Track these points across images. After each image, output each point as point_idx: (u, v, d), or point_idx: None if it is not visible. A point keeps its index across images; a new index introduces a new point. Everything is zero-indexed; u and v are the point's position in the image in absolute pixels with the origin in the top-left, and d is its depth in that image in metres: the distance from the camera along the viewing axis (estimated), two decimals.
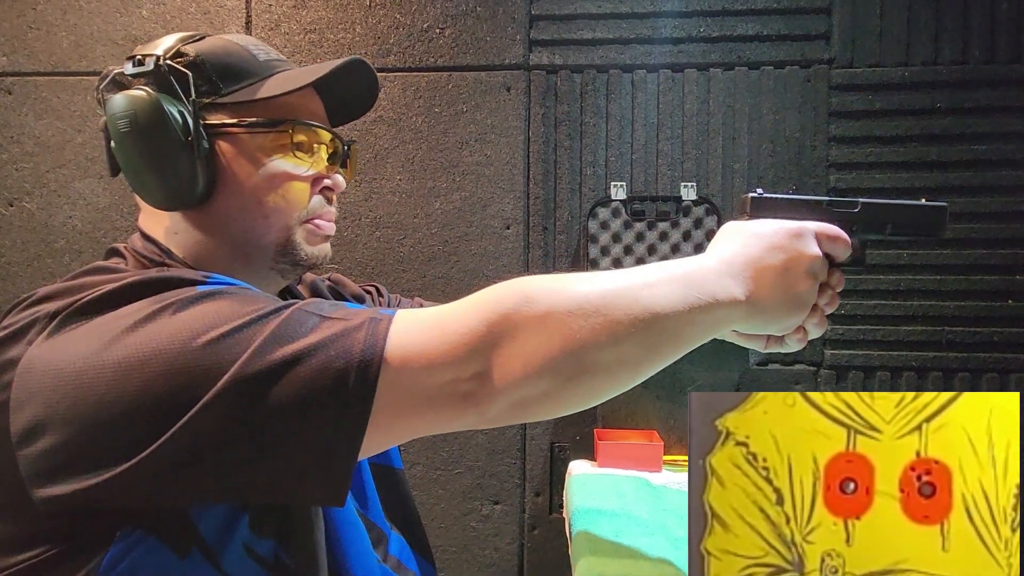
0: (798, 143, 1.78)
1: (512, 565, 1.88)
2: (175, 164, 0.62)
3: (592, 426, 1.71)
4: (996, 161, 1.73)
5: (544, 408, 0.55)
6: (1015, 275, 1.74)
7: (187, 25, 1.87)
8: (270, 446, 0.50)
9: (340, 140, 0.72)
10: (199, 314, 0.52)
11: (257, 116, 0.65)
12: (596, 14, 1.80)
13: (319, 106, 0.71)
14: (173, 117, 0.61)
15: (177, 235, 0.66)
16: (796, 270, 0.61)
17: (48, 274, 1.90)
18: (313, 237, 0.69)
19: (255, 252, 0.67)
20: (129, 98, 0.62)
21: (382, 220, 1.87)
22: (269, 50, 0.70)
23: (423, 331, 0.53)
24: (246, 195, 0.65)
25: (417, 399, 0.52)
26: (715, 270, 0.59)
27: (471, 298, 0.55)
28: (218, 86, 0.64)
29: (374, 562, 0.70)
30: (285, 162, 0.66)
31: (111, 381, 0.49)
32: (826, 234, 0.64)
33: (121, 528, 0.52)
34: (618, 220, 1.79)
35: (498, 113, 1.83)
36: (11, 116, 1.91)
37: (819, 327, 0.67)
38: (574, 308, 0.52)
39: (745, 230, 0.63)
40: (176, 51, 0.64)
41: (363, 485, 0.75)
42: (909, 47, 1.74)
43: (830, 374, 1.80)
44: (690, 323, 0.56)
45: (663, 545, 1.08)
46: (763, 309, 0.61)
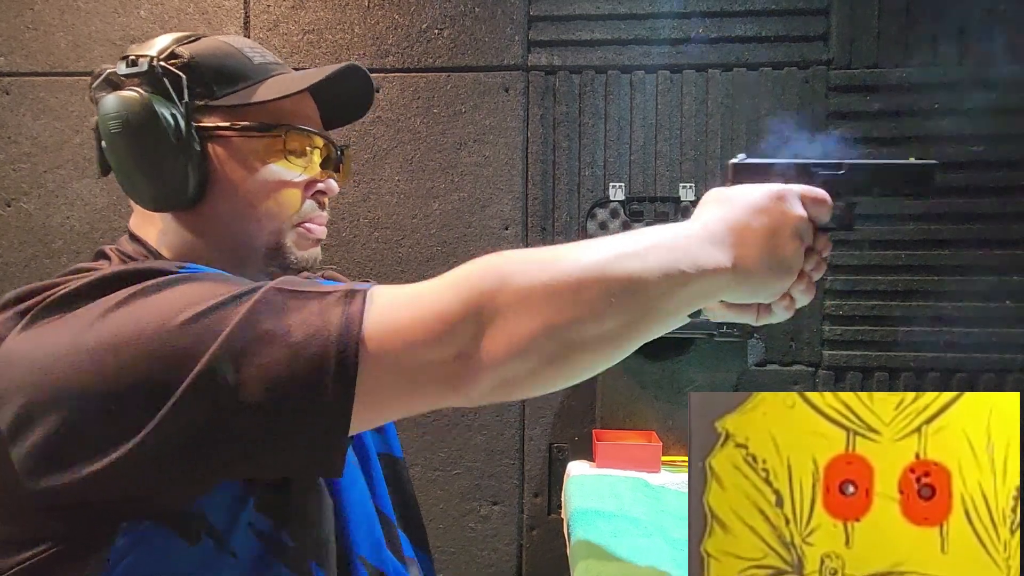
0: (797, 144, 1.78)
1: (511, 566, 1.88)
2: (166, 166, 0.62)
3: (591, 427, 1.71)
4: (995, 161, 1.73)
5: (530, 386, 0.54)
6: (1013, 275, 1.74)
7: (185, 26, 1.87)
8: (256, 425, 0.49)
9: (333, 145, 0.71)
10: (176, 295, 0.51)
11: (251, 120, 0.65)
12: (595, 15, 1.80)
13: (313, 110, 0.71)
14: (165, 119, 0.61)
15: (167, 236, 0.66)
16: (781, 233, 0.60)
17: (46, 274, 1.89)
18: (304, 241, 0.69)
19: (246, 255, 0.67)
20: (121, 99, 0.61)
21: (380, 221, 1.86)
22: (265, 52, 0.70)
23: (400, 307, 0.52)
24: (238, 198, 0.65)
25: (399, 377, 0.51)
26: (699, 237, 0.58)
27: (448, 275, 0.54)
28: (212, 89, 0.64)
29: (385, 548, 0.70)
30: (278, 166, 0.66)
31: (91, 366, 0.49)
32: (810, 196, 0.62)
33: (125, 520, 0.52)
34: (616, 221, 1.79)
35: (496, 114, 1.83)
36: (9, 116, 1.91)
37: (807, 294, 0.64)
38: (554, 284, 0.52)
39: (728, 196, 0.62)
40: (170, 52, 0.64)
41: (372, 472, 0.74)
42: (907, 48, 1.74)
43: (828, 375, 1.80)
44: (675, 293, 0.55)
45: (661, 546, 1.08)
46: (749, 275, 0.59)
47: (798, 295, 0.64)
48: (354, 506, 0.67)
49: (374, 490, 0.74)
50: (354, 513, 0.67)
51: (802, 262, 0.62)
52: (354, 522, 0.66)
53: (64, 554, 0.51)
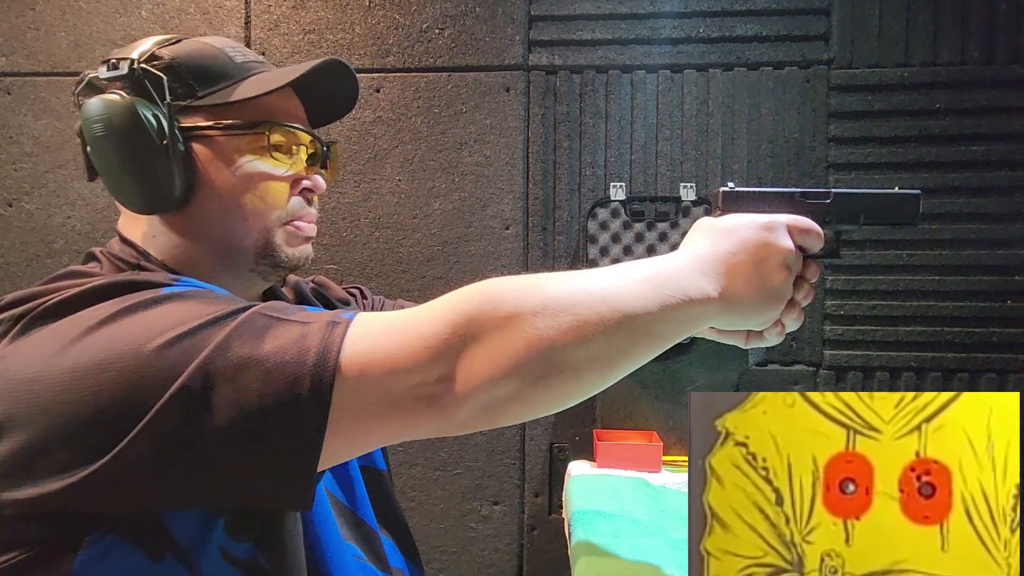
0: (797, 144, 1.78)
1: (511, 566, 1.88)
2: (151, 168, 0.62)
3: (591, 427, 1.71)
4: (995, 161, 1.73)
5: (514, 411, 0.53)
6: (1014, 275, 1.74)
7: (186, 26, 1.87)
8: (227, 453, 0.49)
9: (319, 141, 0.71)
10: (156, 316, 0.51)
11: (233, 118, 0.64)
12: (595, 15, 1.80)
13: (298, 107, 0.71)
14: (148, 121, 0.61)
15: (156, 238, 0.66)
16: (769, 264, 0.61)
17: (46, 274, 1.89)
18: (293, 239, 0.69)
19: (235, 254, 0.67)
20: (104, 102, 0.62)
21: (381, 221, 1.87)
22: (247, 52, 0.69)
23: (384, 334, 0.52)
24: (224, 197, 0.65)
25: (380, 404, 0.51)
26: (687, 267, 0.59)
27: (436, 301, 0.54)
28: (193, 88, 0.64)
29: (351, 561, 0.69)
30: (262, 163, 0.66)
31: (66, 385, 0.48)
32: (798, 226, 0.63)
33: (91, 532, 0.51)
34: (617, 220, 1.79)
35: (497, 114, 1.83)
36: (10, 116, 1.91)
37: (797, 320, 0.66)
38: (540, 308, 0.52)
39: (716, 226, 0.63)
40: (151, 54, 0.64)
41: (352, 484, 0.74)
42: (908, 48, 1.74)
43: (829, 374, 1.80)
44: (661, 321, 0.55)
45: (662, 546, 1.08)
46: (737, 305, 0.60)
47: (789, 322, 0.66)
48: (325, 526, 0.66)
49: (355, 503, 0.73)
50: (324, 532, 0.66)
51: (791, 291, 0.63)
52: (324, 540, 0.65)
53: (31, 562, 0.51)
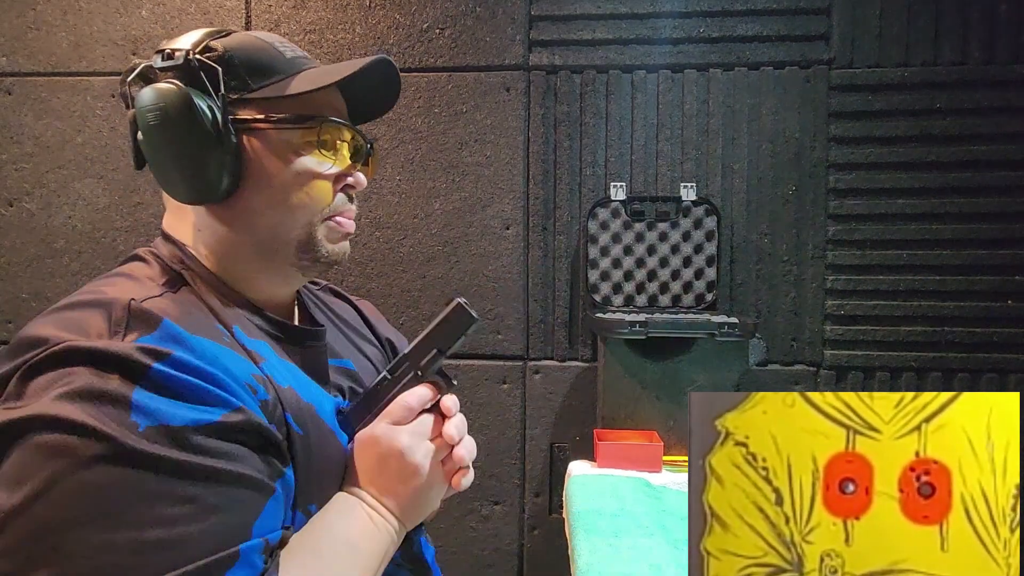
0: (798, 143, 1.78)
1: (512, 566, 1.88)
2: (203, 159, 0.62)
3: (592, 426, 1.71)
4: (995, 161, 1.73)
5: None
6: (1014, 275, 1.74)
7: (187, 26, 1.87)
8: None
9: (363, 138, 0.72)
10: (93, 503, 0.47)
11: (285, 112, 0.65)
12: (596, 15, 1.80)
13: (342, 104, 0.71)
14: (203, 111, 0.61)
15: (201, 232, 0.66)
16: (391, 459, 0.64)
17: (47, 274, 1.90)
18: (334, 234, 0.69)
19: (278, 248, 0.67)
20: (159, 91, 0.61)
21: (382, 220, 1.87)
22: (294, 47, 0.70)
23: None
24: (272, 191, 0.65)
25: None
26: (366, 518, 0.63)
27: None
28: (247, 82, 0.64)
29: None
30: (311, 159, 0.66)
31: None
32: (392, 415, 0.65)
33: None
34: (618, 220, 1.79)
35: (498, 113, 1.83)
36: (11, 116, 1.92)
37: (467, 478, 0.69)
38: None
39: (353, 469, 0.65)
40: (205, 46, 0.64)
41: None
42: (908, 48, 1.74)
43: (830, 374, 1.80)
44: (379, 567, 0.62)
45: (662, 546, 1.08)
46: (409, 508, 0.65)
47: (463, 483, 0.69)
48: None
49: None
50: None
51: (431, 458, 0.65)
52: None
53: None
